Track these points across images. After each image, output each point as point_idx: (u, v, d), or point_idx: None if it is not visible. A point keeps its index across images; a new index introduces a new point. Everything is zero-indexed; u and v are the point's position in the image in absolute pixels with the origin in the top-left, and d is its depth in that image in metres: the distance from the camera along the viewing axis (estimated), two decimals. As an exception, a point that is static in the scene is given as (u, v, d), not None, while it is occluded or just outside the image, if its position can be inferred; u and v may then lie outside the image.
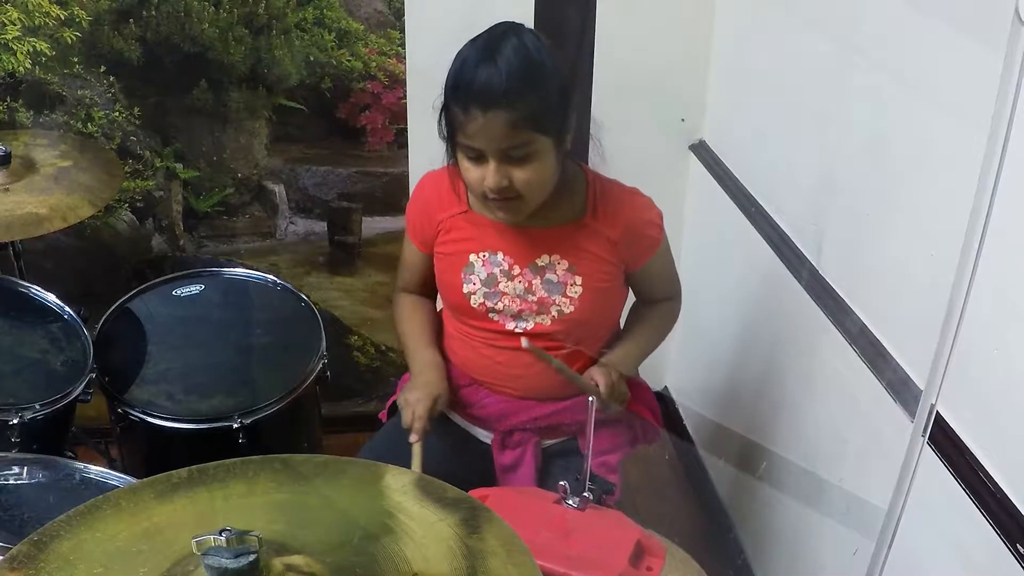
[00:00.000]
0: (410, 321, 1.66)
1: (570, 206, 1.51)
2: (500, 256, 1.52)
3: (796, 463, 1.85)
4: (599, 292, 1.53)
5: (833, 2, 1.70)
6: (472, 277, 1.53)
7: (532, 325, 1.53)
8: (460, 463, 1.63)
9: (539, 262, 1.52)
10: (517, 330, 1.54)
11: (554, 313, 1.52)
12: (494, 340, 1.56)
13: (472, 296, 1.53)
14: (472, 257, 1.53)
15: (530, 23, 1.91)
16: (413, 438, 1.47)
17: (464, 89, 1.35)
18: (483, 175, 1.38)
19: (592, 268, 1.52)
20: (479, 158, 1.38)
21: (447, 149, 1.46)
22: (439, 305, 1.69)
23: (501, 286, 1.52)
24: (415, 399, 1.50)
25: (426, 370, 1.57)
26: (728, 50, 2.19)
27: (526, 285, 1.52)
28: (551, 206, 1.47)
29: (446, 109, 1.40)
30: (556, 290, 1.52)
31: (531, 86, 1.34)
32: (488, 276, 1.53)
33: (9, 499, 1.37)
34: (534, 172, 1.38)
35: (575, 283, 1.51)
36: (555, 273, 1.51)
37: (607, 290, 1.55)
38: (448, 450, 1.63)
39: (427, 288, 1.67)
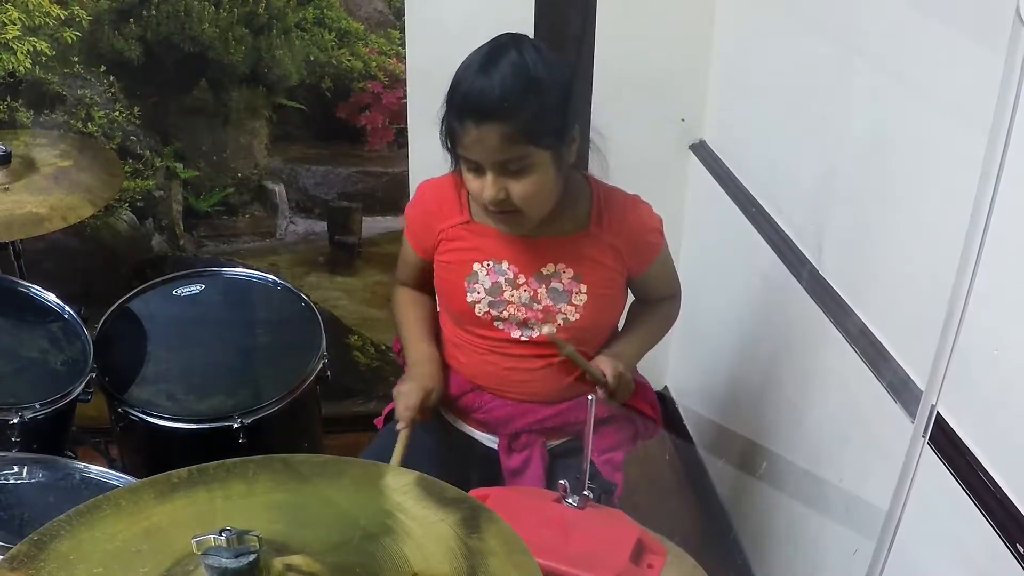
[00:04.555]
0: (408, 315, 1.66)
1: (574, 215, 1.51)
2: (505, 265, 1.52)
3: (796, 463, 1.85)
4: (603, 299, 1.53)
5: (833, 3, 1.70)
6: (476, 286, 1.53)
7: (538, 334, 1.53)
8: (465, 469, 1.63)
9: (544, 271, 1.51)
10: (523, 338, 1.54)
11: (560, 321, 1.52)
12: (500, 348, 1.56)
13: (476, 305, 1.53)
14: (476, 266, 1.53)
15: (530, 23, 1.91)
16: (400, 425, 1.47)
17: (459, 101, 1.35)
18: (482, 186, 1.38)
19: (597, 276, 1.52)
20: (477, 170, 1.39)
21: (450, 158, 1.46)
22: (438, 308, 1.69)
23: (506, 295, 1.52)
24: (407, 390, 1.51)
25: (422, 363, 1.57)
26: (728, 50, 2.19)
27: (531, 294, 1.52)
28: (556, 215, 1.47)
29: (445, 119, 1.40)
30: (562, 298, 1.52)
31: (526, 99, 1.33)
32: (493, 285, 1.52)
33: (9, 499, 1.37)
34: (532, 185, 1.38)
35: (580, 291, 1.51)
36: (560, 282, 1.51)
37: (611, 297, 1.55)
38: (453, 456, 1.63)
39: (426, 285, 1.67)
